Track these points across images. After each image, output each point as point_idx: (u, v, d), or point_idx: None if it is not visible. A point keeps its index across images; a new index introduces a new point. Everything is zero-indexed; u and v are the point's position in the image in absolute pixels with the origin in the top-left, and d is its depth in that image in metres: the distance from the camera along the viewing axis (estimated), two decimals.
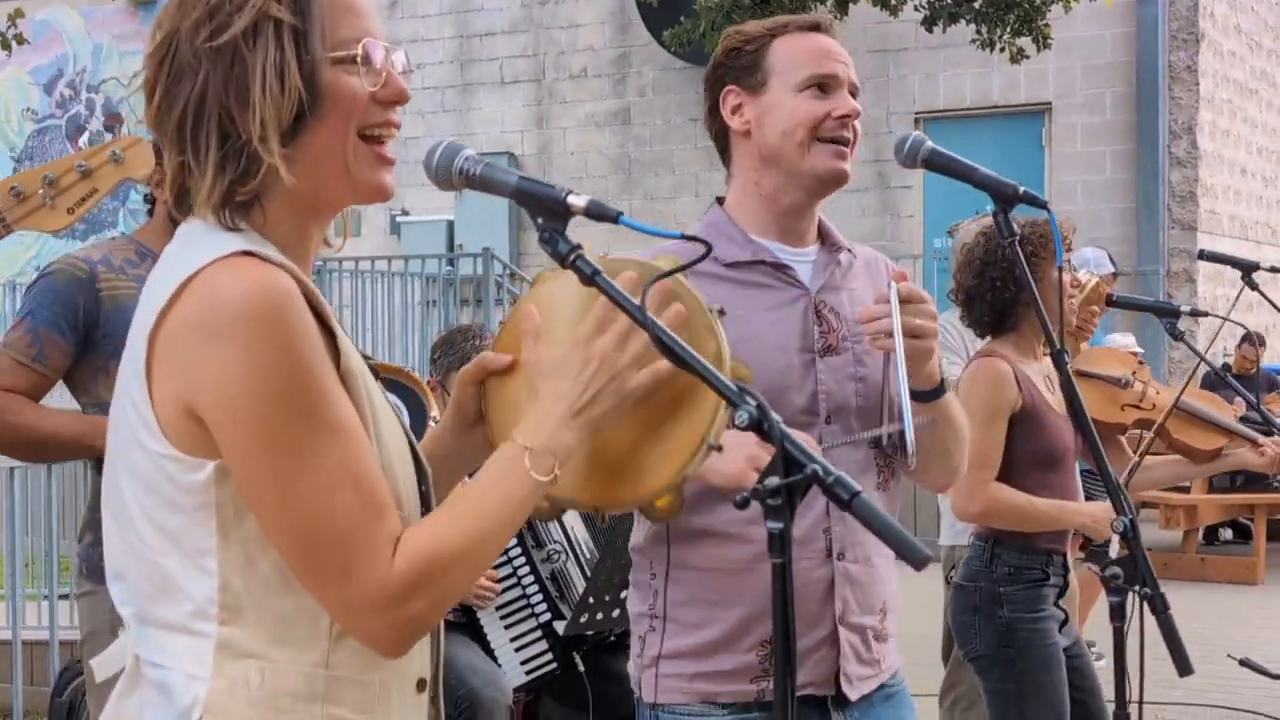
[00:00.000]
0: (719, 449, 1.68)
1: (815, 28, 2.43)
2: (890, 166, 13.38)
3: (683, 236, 1.69)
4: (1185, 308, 3.49)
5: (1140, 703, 2.48)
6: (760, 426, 1.51)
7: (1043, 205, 2.51)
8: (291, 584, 1.53)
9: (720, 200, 2.50)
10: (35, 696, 5.61)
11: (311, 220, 1.64)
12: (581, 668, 4.21)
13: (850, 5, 11.04)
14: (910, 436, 2.23)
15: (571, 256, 1.60)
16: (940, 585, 4.37)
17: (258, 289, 1.46)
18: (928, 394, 2.31)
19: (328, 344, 1.53)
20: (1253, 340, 9.33)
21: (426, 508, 1.67)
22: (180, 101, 1.55)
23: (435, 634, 1.70)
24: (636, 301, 1.57)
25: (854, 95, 2.42)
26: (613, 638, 4.32)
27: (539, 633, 4.34)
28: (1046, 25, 10.70)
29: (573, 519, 4.30)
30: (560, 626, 4.33)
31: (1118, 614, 2.52)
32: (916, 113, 13.20)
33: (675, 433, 1.64)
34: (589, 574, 4.21)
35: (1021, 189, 2.46)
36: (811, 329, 2.36)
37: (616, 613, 3.81)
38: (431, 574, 1.50)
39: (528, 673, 4.27)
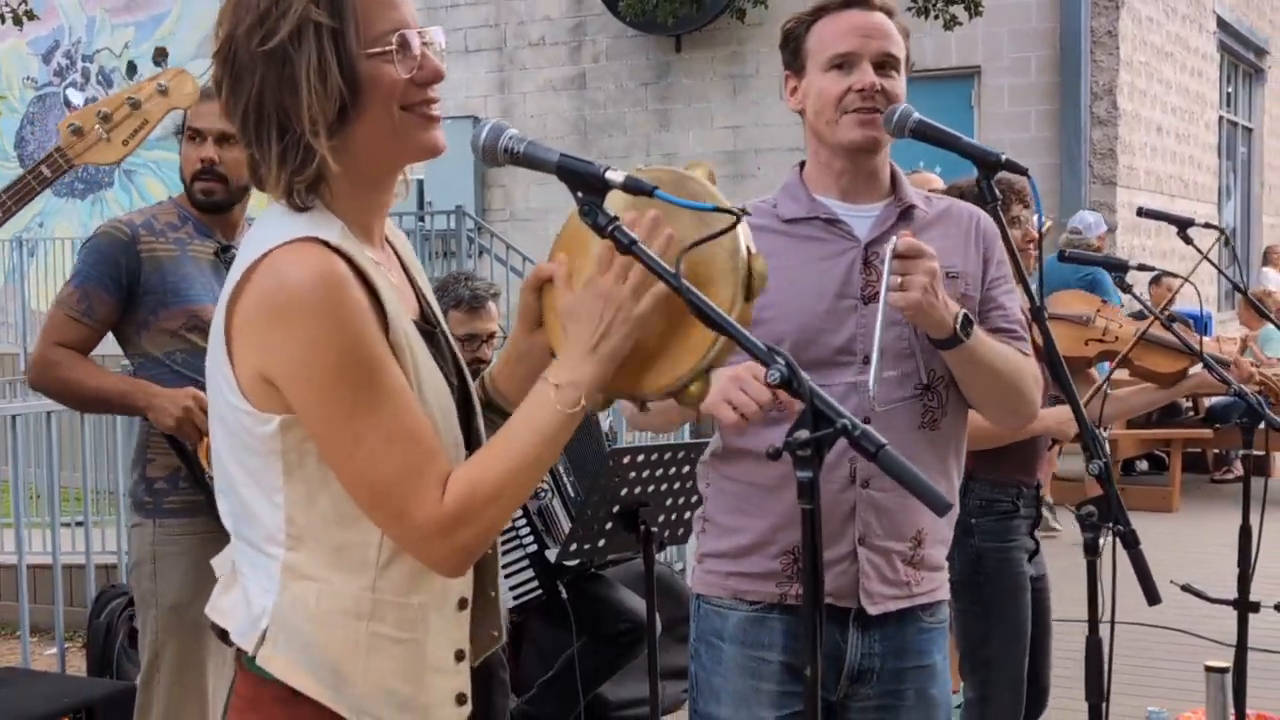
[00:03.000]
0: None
1: (849, 4, 2.45)
2: None
3: (714, 208, 1.66)
4: (1134, 263, 3.45)
5: (1112, 623, 2.48)
6: (790, 384, 1.54)
7: (1023, 171, 2.46)
8: (345, 520, 1.61)
9: (802, 164, 2.54)
10: (74, 615, 5.64)
11: (373, 190, 1.69)
12: (565, 595, 4.32)
13: None
14: (871, 383, 2.26)
15: (610, 227, 1.63)
16: None
17: (315, 276, 1.53)
18: (943, 343, 2.29)
19: (377, 315, 1.60)
20: (1159, 281, 9.24)
21: (476, 442, 1.75)
22: (243, 99, 1.60)
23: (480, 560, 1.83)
24: (670, 268, 1.59)
25: (887, 64, 2.42)
26: (593, 570, 4.44)
27: (526, 562, 4.47)
28: None
29: (558, 463, 4.39)
30: (551, 555, 4.38)
31: (1091, 548, 2.53)
32: None
33: (698, 327, 1.67)
34: (573, 512, 4.27)
35: (1004, 156, 2.42)
36: (857, 277, 2.37)
37: (602, 544, 3.80)
38: (475, 507, 1.56)
39: (515, 598, 4.39)
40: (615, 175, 1.64)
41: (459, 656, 1.71)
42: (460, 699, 1.72)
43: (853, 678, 2.46)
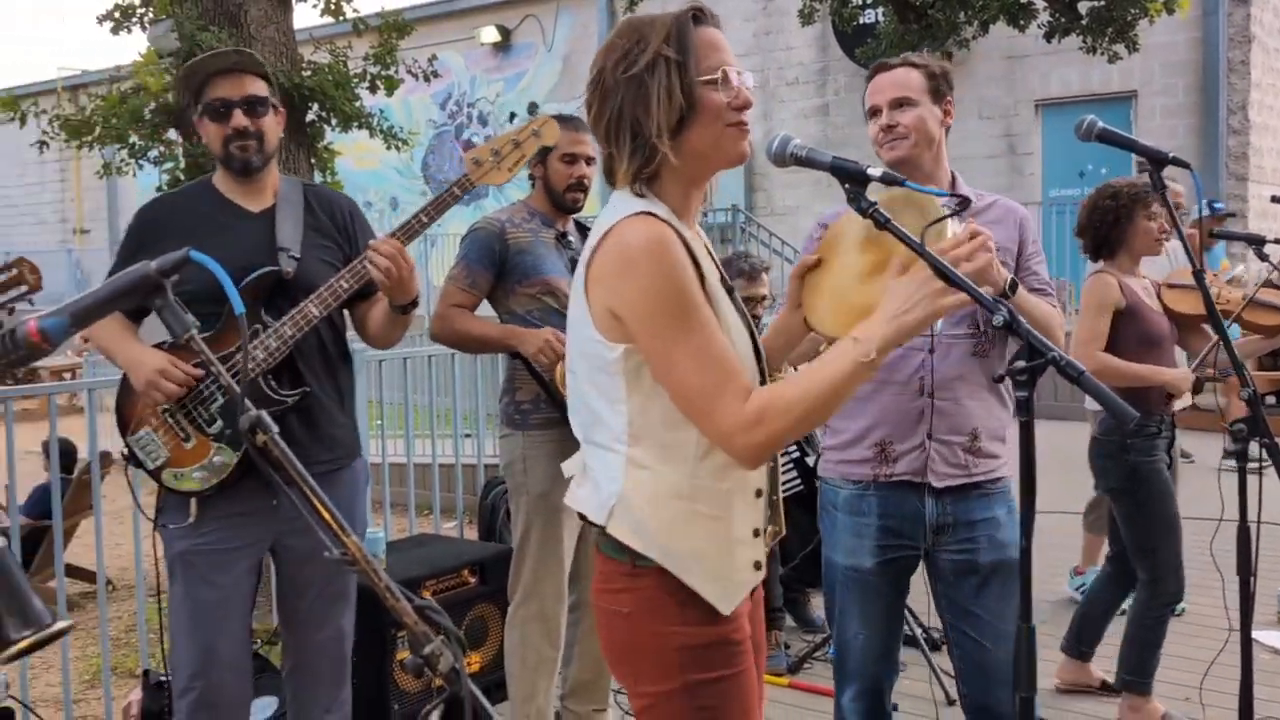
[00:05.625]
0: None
1: (876, 72, 2.61)
2: (1018, 139, 13.51)
3: (949, 194, 1.76)
4: (1271, 237, 3.50)
5: (1259, 522, 2.49)
6: (1011, 326, 1.60)
7: (1185, 165, 2.43)
8: (671, 424, 1.68)
9: None
10: (468, 500, 6.08)
11: (691, 186, 1.76)
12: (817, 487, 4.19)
13: (990, 26, 11.12)
14: (939, 323, 2.36)
15: (870, 210, 1.70)
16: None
17: (651, 236, 1.63)
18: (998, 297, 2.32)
19: (696, 273, 1.66)
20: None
21: (764, 379, 1.79)
22: (607, 113, 1.72)
23: (774, 460, 1.81)
24: (917, 240, 1.65)
25: (904, 103, 2.52)
26: None
27: (791, 465, 4.70)
28: (1135, 34, 10.76)
29: None
30: (809, 460, 4.63)
31: (1242, 456, 2.58)
32: (1036, 100, 13.35)
33: None
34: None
35: (1170, 155, 2.42)
36: None
37: None
38: (769, 416, 1.61)
39: (784, 486, 4.13)
40: (874, 170, 1.72)
41: (755, 534, 1.77)
42: (756, 565, 1.79)
43: (935, 531, 2.56)
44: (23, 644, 1.11)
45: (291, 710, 2.85)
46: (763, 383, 1.77)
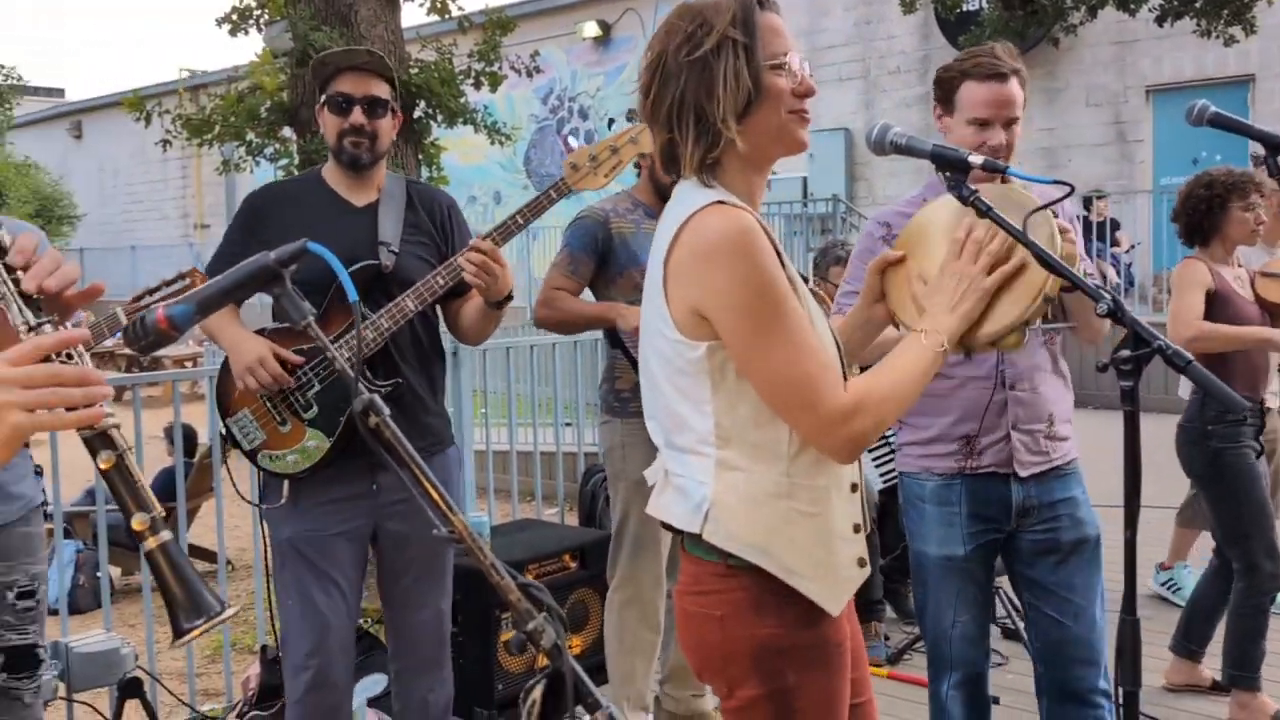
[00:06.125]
0: (1049, 301, 1.76)
1: (990, 77, 2.49)
2: (1127, 126, 13.10)
3: (1054, 181, 1.75)
4: None
5: None
6: (1115, 314, 1.60)
7: None
8: (759, 422, 1.64)
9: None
10: (568, 487, 6.08)
11: (755, 173, 1.72)
12: None
13: (1099, 10, 10.81)
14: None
15: (971, 197, 1.70)
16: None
17: (733, 226, 1.58)
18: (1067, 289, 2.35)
19: (779, 260, 1.60)
20: None
21: (843, 367, 1.73)
22: (668, 98, 1.65)
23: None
24: (1019, 227, 1.67)
25: (1011, 124, 2.50)
26: None
27: (890, 455, 4.68)
28: (1253, 16, 10.31)
29: None
30: None
31: None
32: (1147, 86, 12.96)
33: (1019, 292, 1.71)
34: None
35: None
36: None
37: None
38: (869, 405, 1.60)
39: (883, 479, 4.60)
40: (975, 158, 1.70)
41: (855, 529, 1.72)
42: (860, 562, 1.73)
43: (1020, 515, 2.59)
44: (194, 633, 1.17)
45: (395, 689, 2.94)
46: (843, 372, 1.73)
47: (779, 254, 1.63)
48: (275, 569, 2.80)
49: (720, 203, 1.61)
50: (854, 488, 1.73)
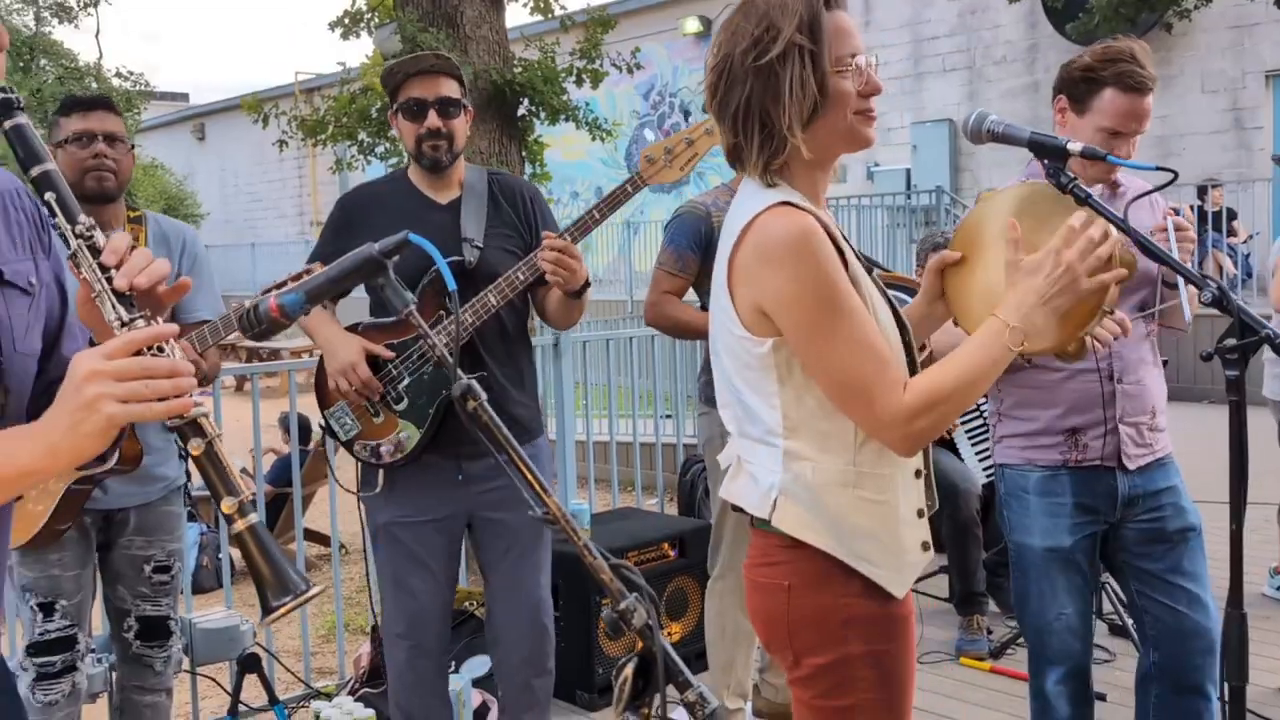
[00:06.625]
0: (1111, 313, 1.77)
1: (1138, 89, 2.44)
2: (1245, 113, 12.64)
3: (1156, 168, 1.72)
4: None
5: None
6: (1220, 302, 1.59)
7: None
8: (826, 413, 1.64)
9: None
10: (668, 478, 6.13)
11: (819, 170, 1.71)
12: None
13: None
14: (1187, 311, 2.46)
15: (1069, 185, 1.67)
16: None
17: (795, 229, 1.58)
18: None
19: (841, 260, 1.60)
20: None
21: (913, 369, 1.72)
22: (733, 102, 1.65)
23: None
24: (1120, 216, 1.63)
25: (1138, 135, 2.49)
26: None
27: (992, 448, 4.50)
28: None
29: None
30: None
31: None
32: (1266, 71, 12.47)
33: (1084, 306, 1.64)
34: None
35: None
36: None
37: None
38: (930, 403, 1.58)
39: (985, 472, 4.58)
40: (1074, 145, 1.70)
41: (919, 514, 1.73)
42: (924, 545, 1.74)
43: (1125, 505, 2.59)
44: (281, 611, 1.22)
45: (498, 672, 3.00)
46: (910, 362, 1.72)
47: (841, 250, 1.63)
48: (374, 552, 2.91)
49: (783, 203, 1.62)
50: (918, 474, 1.74)
